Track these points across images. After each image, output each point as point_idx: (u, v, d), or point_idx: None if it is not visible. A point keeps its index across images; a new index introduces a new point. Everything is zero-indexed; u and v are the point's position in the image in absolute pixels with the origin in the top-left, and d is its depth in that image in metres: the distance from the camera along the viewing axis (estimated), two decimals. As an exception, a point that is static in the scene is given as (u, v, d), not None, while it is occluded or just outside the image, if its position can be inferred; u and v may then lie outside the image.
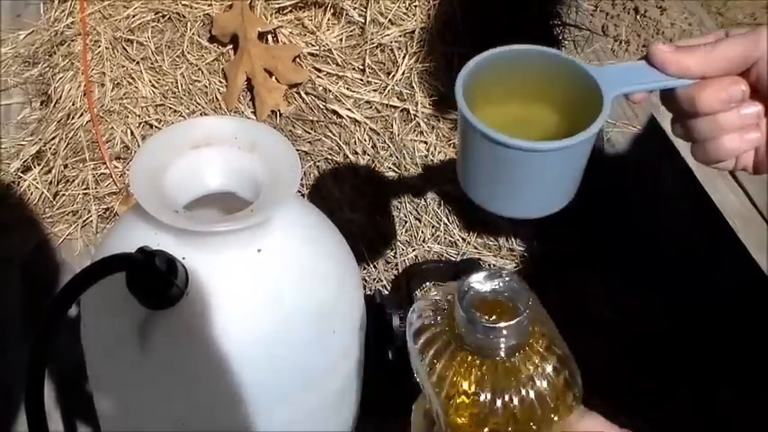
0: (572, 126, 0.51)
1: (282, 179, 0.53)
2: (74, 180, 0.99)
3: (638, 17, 1.25)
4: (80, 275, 0.46)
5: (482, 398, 0.49)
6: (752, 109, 0.55)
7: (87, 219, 0.97)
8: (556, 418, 0.50)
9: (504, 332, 0.48)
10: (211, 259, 0.51)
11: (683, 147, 1.14)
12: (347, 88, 1.01)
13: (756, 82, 0.54)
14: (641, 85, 0.54)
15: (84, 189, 0.98)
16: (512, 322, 0.48)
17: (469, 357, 0.50)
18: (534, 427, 0.50)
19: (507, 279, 0.50)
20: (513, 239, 0.95)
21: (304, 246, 0.57)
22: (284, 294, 0.54)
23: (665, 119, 1.18)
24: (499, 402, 0.49)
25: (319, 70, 1.02)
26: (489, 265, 0.92)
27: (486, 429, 0.50)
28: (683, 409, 0.83)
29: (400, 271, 0.92)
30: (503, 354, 0.49)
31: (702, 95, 0.54)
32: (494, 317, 0.48)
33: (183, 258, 0.50)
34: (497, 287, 0.49)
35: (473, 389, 0.49)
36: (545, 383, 0.49)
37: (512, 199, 0.55)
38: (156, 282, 0.47)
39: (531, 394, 0.49)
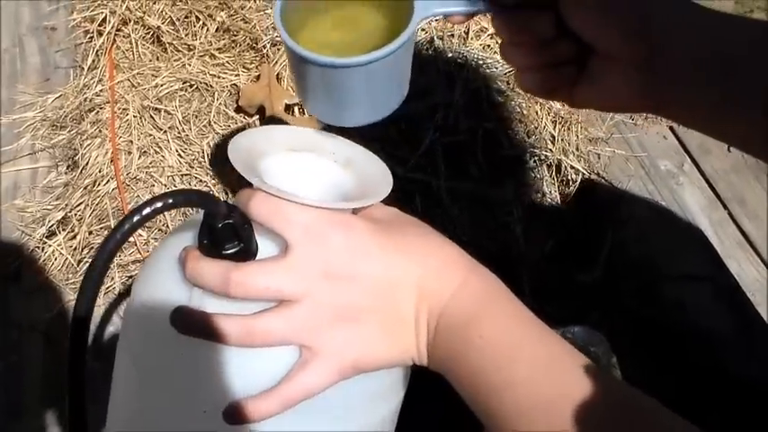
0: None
1: (372, 195, 0.54)
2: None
3: None
4: (157, 198, 0.46)
5: None
6: (564, 44, 0.56)
7: (110, 286, 0.98)
8: None
9: None
10: None
11: (707, 227, 1.15)
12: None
13: (563, 16, 0.55)
14: (454, 8, 0.55)
15: (109, 256, 0.99)
16: None
17: None
18: None
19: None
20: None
21: None
22: None
23: (685, 190, 1.19)
24: None
25: (344, 142, 1.03)
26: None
27: None
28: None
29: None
30: None
31: (511, 24, 0.56)
32: None
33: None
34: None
35: None
36: None
37: (334, 109, 0.56)
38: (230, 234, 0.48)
39: None
